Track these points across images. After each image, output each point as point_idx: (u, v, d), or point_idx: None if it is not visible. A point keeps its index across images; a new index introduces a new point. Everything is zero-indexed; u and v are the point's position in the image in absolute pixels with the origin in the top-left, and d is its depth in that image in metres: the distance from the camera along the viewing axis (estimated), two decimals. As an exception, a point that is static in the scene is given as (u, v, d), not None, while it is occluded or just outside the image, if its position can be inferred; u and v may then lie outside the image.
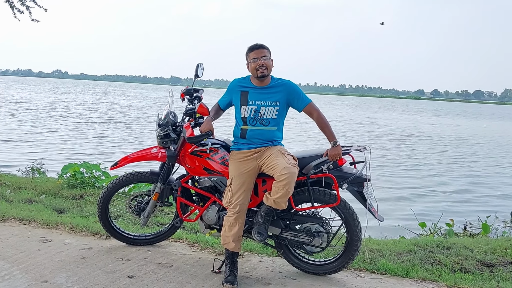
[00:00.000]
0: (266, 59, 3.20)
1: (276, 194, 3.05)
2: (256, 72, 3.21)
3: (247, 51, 3.26)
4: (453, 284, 3.32)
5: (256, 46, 3.23)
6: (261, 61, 3.18)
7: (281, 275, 3.40)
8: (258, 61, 3.19)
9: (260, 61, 3.18)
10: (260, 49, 3.22)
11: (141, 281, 3.16)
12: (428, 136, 23.54)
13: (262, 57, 3.19)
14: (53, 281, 3.09)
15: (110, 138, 16.30)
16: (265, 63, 3.19)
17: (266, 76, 3.22)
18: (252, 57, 3.21)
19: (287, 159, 3.12)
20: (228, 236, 3.21)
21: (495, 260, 3.82)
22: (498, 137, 25.88)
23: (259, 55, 3.20)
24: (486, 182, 11.62)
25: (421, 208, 8.16)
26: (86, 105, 33.84)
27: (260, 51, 3.21)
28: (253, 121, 3.24)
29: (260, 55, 3.20)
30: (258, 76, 3.21)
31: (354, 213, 3.27)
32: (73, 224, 4.26)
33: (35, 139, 14.65)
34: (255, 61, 3.19)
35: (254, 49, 3.22)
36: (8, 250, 3.61)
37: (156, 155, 3.61)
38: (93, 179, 6.37)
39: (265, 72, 3.21)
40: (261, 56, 3.19)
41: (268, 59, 3.22)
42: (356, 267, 3.57)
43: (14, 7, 8.32)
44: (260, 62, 3.19)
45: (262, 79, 3.22)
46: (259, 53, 3.20)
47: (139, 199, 3.75)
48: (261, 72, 3.20)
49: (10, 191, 5.68)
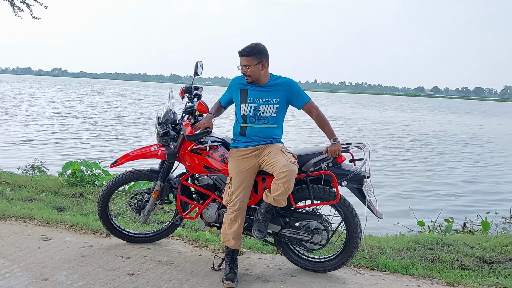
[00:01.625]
0: (248, 68, 3.17)
1: (275, 191, 3.06)
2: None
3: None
4: (453, 281, 3.33)
5: (241, 53, 3.19)
6: (244, 70, 3.20)
7: (281, 272, 3.41)
8: (242, 69, 3.21)
9: (244, 70, 3.20)
10: (244, 57, 3.18)
11: (141, 278, 3.17)
12: (460, 137, 22.51)
13: (244, 65, 3.18)
14: (54, 279, 3.10)
15: (112, 136, 16.32)
16: (248, 72, 3.19)
17: (252, 82, 3.23)
18: (240, 62, 3.21)
19: (287, 156, 3.12)
20: (228, 234, 3.22)
21: (495, 256, 3.82)
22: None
23: (242, 64, 3.20)
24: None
25: (422, 207, 8.18)
26: (89, 104, 33.87)
27: (244, 59, 3.18)
28: (253, 119, 3.24)
29: (243, 64, 3.19)
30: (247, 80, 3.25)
31: (354, 210, 3.27)
32: (73, 222, 4.27)
33: (36, 137, 14.66)
34: (241, 68, 3.21)
35: (240, 56, 3.20)
36: (9, 248, 3.61)
37: (156, 153, 3.61)
38: (93, 177, 6.37)
39: (249, 80, 3.23)
40: (243, 65, 3.18)
41: (251, 67, 3.16)
42: (355, 264, 3.58)
43: (14, 5, 8.30)
44: (243, 71, 3.21)
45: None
46: (242, 62, 3.19)
47: (139, 197, 3.75)
48: (246, 78, 3.23)
49: (10, 189, 5.69)
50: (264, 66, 3.20)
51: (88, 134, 16.32)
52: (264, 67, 3.21)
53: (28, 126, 17.51)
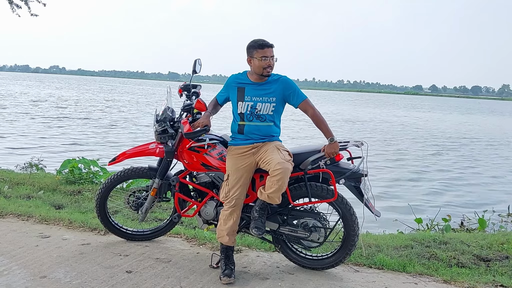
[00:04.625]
0: (274, 59, 3.18)
1: (270, 188, 3.06)
2: (262, 71, 3.19)
3: (255, 46, 3.18)
4: (450, 278, 3.34)
5: (267, 44, 3.16)
6: (271, 61, 3.16)
7: (278, 269, 3.42)
8: (267, 60, 3.15)
9: (271, 62, 3.16)
10: (270, 48, 3.16)
11: (139, 276, 3.17)
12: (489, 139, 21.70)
13: (271, 57, 3.16)
14: (52, 276, 3.10)
15: (111, 134, 16.30)
16: (274, 64, 3.18)
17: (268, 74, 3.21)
18: (261, 54, 3.15)
19: (282, 154, 3.13)
20: (223, 230, 3.23)
21: (492, 254, 3.84)
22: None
23: (268, 55, 3.15)
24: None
25: (419, 203, 8.20)
26: (87, 102, 33.76)
27: (270, 50, 3.16)
28: (250, 117, 3.24)
29: (270, 55, 3.15)
30: (263, 74, 3.20)
31: (352, 208, 3.28)
32: (71, 220, 4.27)
33: (35, 135, 14.64)
34: (265, 60, 3.15)
35: (265, 47, 3.15)
36: (7, 246, 3.61)
37: (154, 150, 3.61)
38: (91, 174, 6.37)
39: (270, 72, 3.21)
40: (271, 56, 3.16)
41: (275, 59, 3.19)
42: (353, 261, 3.59)
43: (12, 3, 8.26)
44: (270, 62, 3.16)
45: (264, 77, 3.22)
46: (269, 52, 3.15)
47: (137, 195, 3.75)
48: (267, 72, 3.19)
49: (8, 186, 5.68)
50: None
51: (89, 132, 16.30)
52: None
53: (29, 124, 17.48)
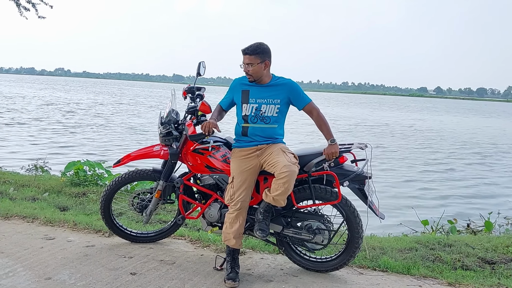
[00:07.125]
0: (250, 67, 3.18)
1: (275, 191, 3.07)
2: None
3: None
4: (454, 281, 3.33)
5: (245, 52, 3.20)
6: (246, 68, 3.21)
7: (282, 272, 3.41)
8: (244, 67, 3.21)
9: (246, 69, 3.21)
10: (247, 56, 3.18)
11: (144, 278, 3.18)
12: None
13: (247, 64, 3.19)
14: (56, 278, 3.12)
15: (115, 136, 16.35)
16: (251, 71, 3.19)
17: (254, 81, 3.25)
18: (243, 60, 3.22)
19: (288, 157, 3.13)
20: (229, 233, 3.23)
21: (497, 257, 3.82)
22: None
23: (244, 62, 3.21)
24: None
25: (423, 209, 8.15)
26: (88, 104, 33.90)
27: (247, 57, 3.18)
28: (254, 119, 3.25)
29: (245, 62, 3.20)
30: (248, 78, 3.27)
31: (356, 211, 3.28)
32: (76, 222, 4.29)
33: (39, 137, 14.72)
34: (244, 66, 3.22)
35: (243, 54, 3.21)
36: (12, 247, 3.63)
37: (159, 153, 3.62)
38: (96, 177, 6.39)
39: (251, 78, 3.24)
40: (246, 63, 3.19)
41: (254, 66, 3.17)
42: (357, 264, 3.59)
43: (20, 5, 8.30)
44: (246, 69, 3.22)
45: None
46: (246, 60, 3.20)
47: (141, 197, 3.77)
48: (248, 77, 3.25)
49: (14, 188, 5.72)
50: (266, 66, 3.22)
51: (92, 134, 16.37)
52: (266, 67, 3.22)
53: (34, 126, 17.57)
